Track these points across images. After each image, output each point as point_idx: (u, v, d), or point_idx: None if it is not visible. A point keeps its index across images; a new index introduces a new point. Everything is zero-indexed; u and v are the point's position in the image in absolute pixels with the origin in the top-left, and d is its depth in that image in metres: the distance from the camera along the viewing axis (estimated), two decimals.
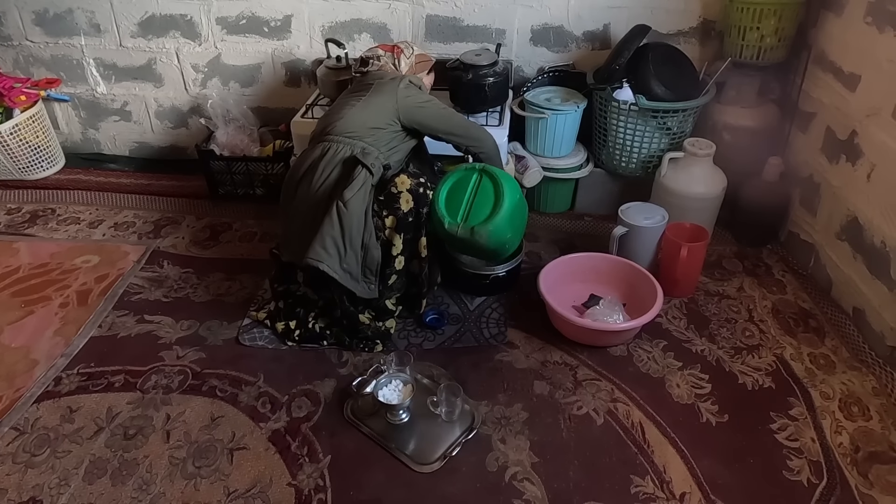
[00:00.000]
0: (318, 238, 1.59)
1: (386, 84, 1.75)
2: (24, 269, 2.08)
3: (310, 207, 1.65)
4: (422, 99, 1.78)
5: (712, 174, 2.08)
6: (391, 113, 1.72)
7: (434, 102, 1.80)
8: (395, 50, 1.88)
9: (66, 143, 2.85)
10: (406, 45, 1.91)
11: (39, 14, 2.55)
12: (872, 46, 1.75)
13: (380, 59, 1.86)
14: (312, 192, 1.65)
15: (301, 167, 1.71)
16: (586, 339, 1.73)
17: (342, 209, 1.59)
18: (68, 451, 1.44)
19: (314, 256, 1.59)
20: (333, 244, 1.60)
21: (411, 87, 1.77)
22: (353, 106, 1.73)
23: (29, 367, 1.68)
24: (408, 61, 1.89)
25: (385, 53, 1.87)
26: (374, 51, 1.90)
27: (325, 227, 1.59)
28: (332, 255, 1.60)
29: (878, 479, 1.38)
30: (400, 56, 1.88)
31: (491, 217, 1.63)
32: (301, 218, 1.67)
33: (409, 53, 1.90)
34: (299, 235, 1.67)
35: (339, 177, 1.64)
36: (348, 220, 1.59)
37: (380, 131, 1.71)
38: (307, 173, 1.68)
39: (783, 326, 1.83)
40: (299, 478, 1.38)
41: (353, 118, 1.70)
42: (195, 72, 2.62)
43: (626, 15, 2.28)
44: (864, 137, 1.79)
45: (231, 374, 1.65)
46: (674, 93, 2.09)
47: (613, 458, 1.43)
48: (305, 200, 1.67)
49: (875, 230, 1.73)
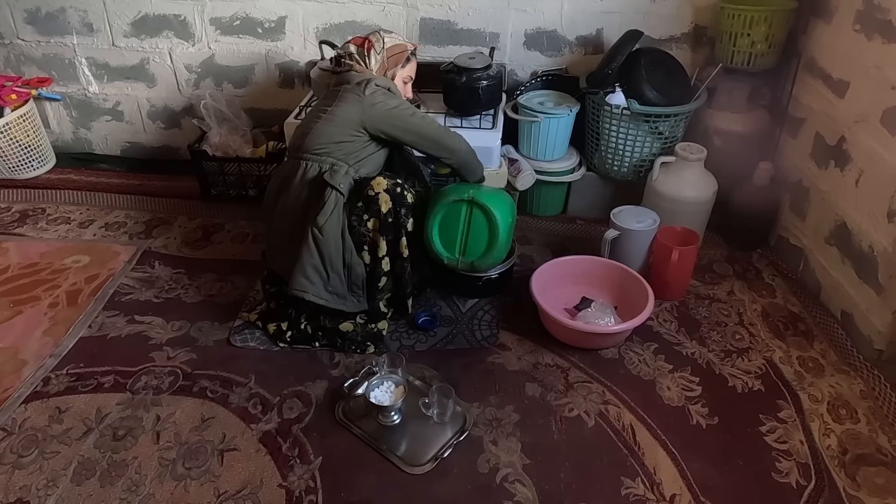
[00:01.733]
0: (300, 268, 1.61)
1: (350, 91, 1.67)
2: (14, 269, 2.06)
3: (286, 225, 1.69)
4: (389, 105, 1.67)
5: (703, 178, 2.10)
6: (356, 123, 1.65)
7: (401, 108, 1.70)
8: (366, 44, 1.75)
9: (56, 143, 2.83)
10: (377, 38, 1.76)
11: (31, 13, 2.54)
12: (861, 53, 1.77)
13: (350, 58, 1.75)
14: (288, 211, 1.67)
15: (277, 182, 1.72)
16: (578, 342, 1.74)
17: (318, 236, 1.60)
18: (56, 452, 1.43)
19: (298, 287, 1.62)
20: (315, 271, 1.63)
21: (377, 93, 1.67)
22: (320, 119, 1.67)
23: (17, 367, 1.67)
24: (378, 56, 1.75)
25: (356, 49, 1.76)
26: (346, 47, 1.78)
27: (305, 257, 1.61)
28: (316, 282, 1.63)
29: (866, 481, 1.39)
30: (370, 51, 1.74)
31: (489, 250, 1.71)
32: (281, 231, 1.71)
33: (379, 48, 1.75)
34: (280, 247, 1.71)
35: (311, 197, 1.64)
36: (326, 246, 1.61)
37: (346, 144, 1.66)
38: (283, 189, 1.69)
39: (773, 330, 1.84)
40: (290, 479, 1.37)
41: (320, 133, 1.65)
42: (188, 72, 2.61)
43: (619, 20, 2.30)
44: (852, 143, 1.81)
45: (222, 375, 1.64)
46: (666, 97, 2.11)
47: (604, 460, 1.43)
48: (283, 217, 1.69)
49: (863, 235, 1.75)
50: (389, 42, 1.77)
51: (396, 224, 1.68)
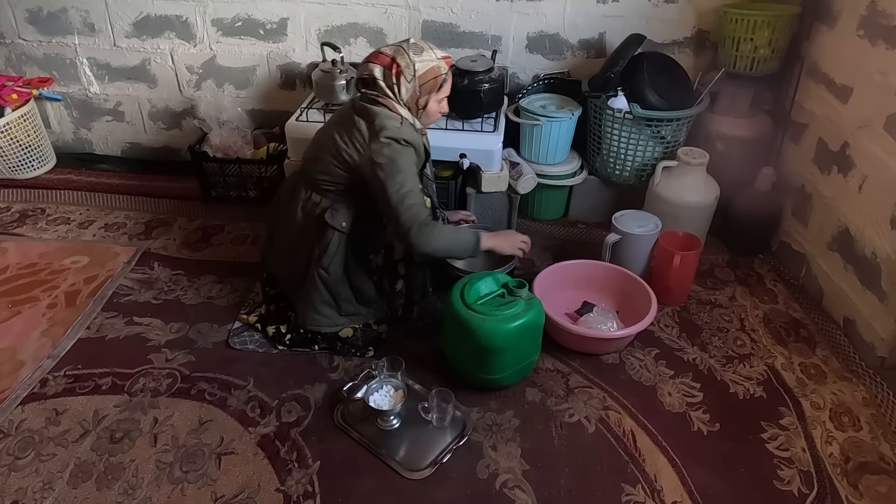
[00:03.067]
0: (310, 306, 1.63)
1: (361, 133, 1.53)
2: (12, 269, 2.06)
3: (287, 239, 1.70)
4: (386, 171, 1.49)
5: (705, 183, 2.09)
6: (356, 171, 1.54)
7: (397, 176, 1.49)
8: (394, 68, 1.52)
9: (57, 143, 2.83)
10: (406, 62, 1.51)
11: (33, 12, 2.54)
12: (864, 59, 1.77)
13: (375, 84, 1.54)
14: (290, 229, 1.68)
15: (288, 188, 1.72)
16: (579, 347, 1.73)
17: (325, 277, 1.62)
18: (53, 455, 1.42)
19: (312, 325, 1.65)
20: (326, 306, 1.66)
21: (381, 147, 1.49)
22: (329, 149, 1.57)
23: (14, 368, 1.66)
24: (409, 86, 1.54)
25: (382, 74, 1.53)
26: (368, 69, 1.55)
27: (313, 295, 1.63)
28: (329, 314, 1.66)
29: (868, 490, 1.38)
30: (399, 77, 1.52)
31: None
32: (287, 236, 1.71)
33: (409, 75, 1.52)
34: (279, 254, 1.73)
35: (310, 227, 1.63)
36: (333, 284, 1.64)
37: (348, 187, 1.59)
38: (293, 201, 1.68)
39: (774, 336, 1.83)
40: (288, 483, 1.36)
41: (326, 168, 1.57)
42: (189, 73, 2.60)
43: (622, 24, 2.30)
44: (855, 149, 1.80)
45: (220, 378, 1.63)
46: (668, 102, 2.10)
47: (605, 466, 1.42)
48: (285, 229, 1.70)
49: (866, 241, 1.74)
50: (421, 68, 1.53)
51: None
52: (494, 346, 1.48)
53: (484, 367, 1.54)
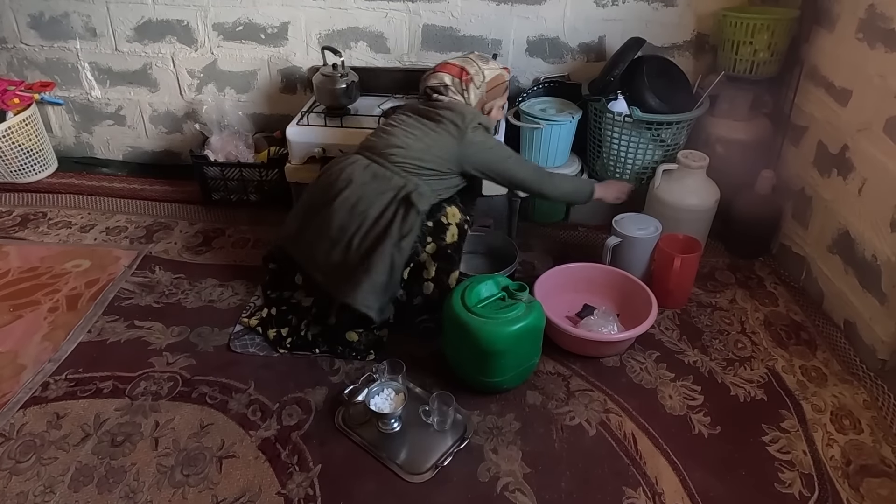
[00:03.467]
0: (369, 284, 1.58)
1: (450, 124, 1.66)
2: (14, 273, 2.06)
3: (339, 219, 1.62)
4: (487, 146, 1.69)
5: (705, 186, 2.09)
6: (453, 159, 1.67)
7: (497, 151, 1.71)
8: (464, 77, 1.72)
9: (59, 147, 2.84)
10: (476, 70, 1.73)
11: (35, 17, 2.55)
12: (864, 62, 1.77)
13: (447, 90, 1.72)
14: (349, 211, 1.62)
15: (341, 175, 1.66)
16: (580, 350, 1.73)
17: (396, 256, 1.60)
18: (54, 458, 1.42)
19: (364, 304, 1.59)
20: (382, 290, 1.61)
21: (478, 132, 1.68)
22: (416, 137, 1.66)
23: (16, 371, 1.66)
24: (478, 91, 1.74)
25: (453, 81, 1.72)
26: (439, 77, 1.73)
27: (378, 274, 1.58)
28: (381, 300, 1.62)
29: (869, 493, 1.38)
30: (469, 85, 1.72)
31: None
32: (325, 224, 1.64)
33: (479, 81, 1.73)
34: (313, 239, 1.66)
35: (387, 211, 1.60)
36: (399, 265, 1.62)
37: (437, 174, 1.67)
38: (347, 188, 1.63)
39: (775, 339, 1.83)
40: (289, 487, 1.36)
41: (415, 151, 1.65)
42: (191, 77, 2.61)
43: (622, 28, 2.30)
44: (855, 152, 1.80)
45: (221, 381, 1.64)
46: (668, 105, 2.11)
47: (605, 470, 1.42)
48: (338, 212, 1.62)
49: (866, 244, 1.74)
50: (489, 76, 1.75)
51: (452, 258, 1.69)
52: (495, 349, 1.48)
53: (485, 371, 1.54)
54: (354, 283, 1.59)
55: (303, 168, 2.16)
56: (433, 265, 1.68)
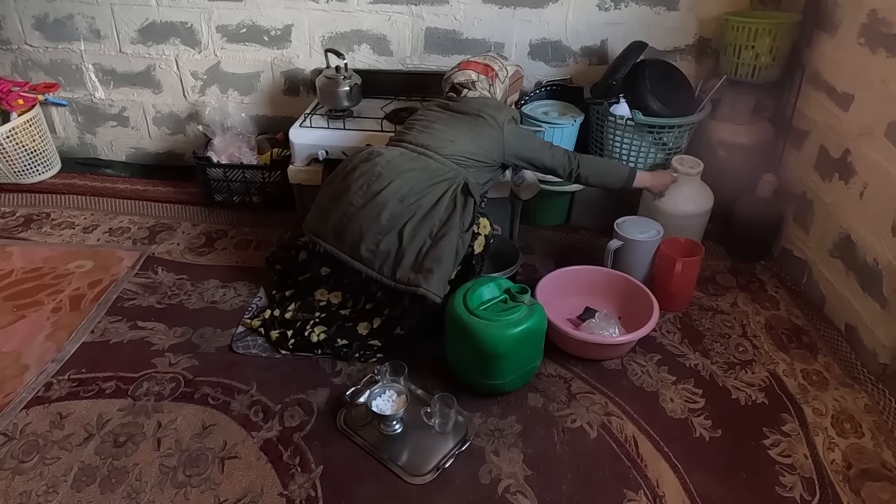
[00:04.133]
0: (441, 274, 1.59)
1: (491, 119, 1.74)
2: (17, 273, 2.07)
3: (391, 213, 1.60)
4: (522, 134, 1.79)
5: (700, 192, 2.08)
6: (497, 150, 1.75)
7: (534, 139, 1.81)
8: (490, 73, 1.83)
9: (62, 148, 2.84)
10: (500, 66, 1.84)
11: (39, 19, 2.56)
12: (865, 67, 1.77)
13: (475, 86, 1.82)
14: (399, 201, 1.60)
15: (386, 167, 1.64)
16: (581, 352, 1.73)
17: (461, 246, 1.63)
18: (57, 458, 1.43)
19: (436, 291, 1.59)
20: (447, 278, 1.63)
21: (513, 124, 1.77)
22: (464, 133, 1.72)
23: (19, 371, 1.67)
24: (503, 86, 1.84)
25: (479, 77, 1.83)
26: (466, 74, 1.83)
27: (447, 264, 1.60)
28: (446, 288, 1.63)
29: (870, 497, 1.38)
30: (495, 81, 1.84)
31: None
32: (372, 215, 1.61)
33: (503, 76, 1.83)
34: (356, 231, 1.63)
35: (442, 201, 1.62)
36: (461, 255, 1.64)
37: (484, 165, 1.74)
38: (396, 180, 1.62)
39: (776, 342, 1.83)
40: (291, 488, 1.37)
41: (465, 146, 1.71)
42: (194, 79, 2.62)
43: (624, 31, 2.31)
44: (857, 156, 1.81)
45: (224, 382, 1.64)
46: (670, 109, 2.11)
47: (607, 472, 1.42)
48: (388, 203, 1.60)
49: (868, 248, 1.74)
50: (510, 71, 1.88)
51: (472, 267, 1.72)
52: (497, 351, 1.49)
53: (486, 373, 1.54)
54: (426, 272, 1.58)
55: (305, 170, 2.17)
56: (454, 271, 1.68)
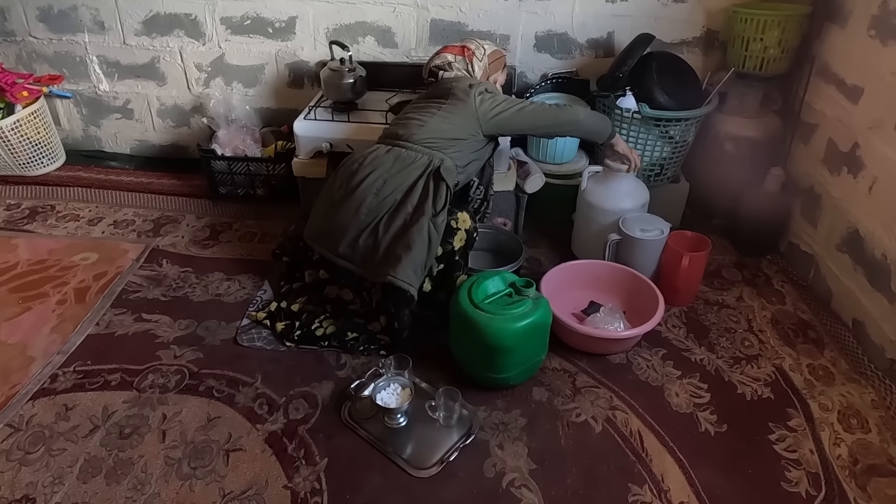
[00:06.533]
0: (410, 261, 1.56)
1: (461, 92, 1.72)
2: (23, 266, 2.07)
3: (368, 207, 1.61)
4: (497, 102, 1.73)
5: (635, 188, 2.01)
6: (473, 124, 1.71)
7: (509, 102, 1.74)
8: (466, 52, 1.84)
9: (67, 140, 2.85)
10: (476, 45, 1.86)
11: (44, 10, 2.55)
12: (876, 59, 1.75)
13: (451, 67, 1.83)
14: (375, 194, 1.61)
15: (363, 163, 1.66)
16: (586, 347, 1.73)
17: (433, 232, 1.59)
18: (63, 450, 1.43)
19: (406, 280, 1.56)
20: (422, 266, 1.60)
21: (485, 95, 1.74)
22: (433, 114, 1.71)
23: (25, 363, 1.67)
24: (481, 63, 1.85)
25: (456, 58, 1.84)
26: (442, 57, 1.85)
27: (418, 251, 1.56)
28: (419, 277, 1.60)
29: (877, 493, 1.37)
30: (472, 59, 1.84)
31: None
32: (352, 211, 1.63)
33: (480, 55, 1.84)
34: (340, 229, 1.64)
35: (416, 188, 1.61)
36: (436, 241, 1.61)
37: (461, 142, 1.70)
38: (372, 173, 1.63)
39: (782, 337, 1.82)
40: (295, 480, 1.37)
41: (434, 127, 1.69)
42: (198, 71, 2.62)
43: (630, 23, 2.29)
44: (865, 150, 1.79)
45: (228, 375, 1.64)
46: (677, 102, 2.09)
47: (611, 466, 1.42)
48: (365, 198, 1.62)
49: (876, 242, 1.73)
50: (489, 49, 1.88)
51: (456, 263, 1.69)
52: (502, 345, 1.48)
53: (491, 367, 1.54)
54: (394, 261, 1.56)
55: (310, 163, 2.17)
56: (435, 266, 1.67)
